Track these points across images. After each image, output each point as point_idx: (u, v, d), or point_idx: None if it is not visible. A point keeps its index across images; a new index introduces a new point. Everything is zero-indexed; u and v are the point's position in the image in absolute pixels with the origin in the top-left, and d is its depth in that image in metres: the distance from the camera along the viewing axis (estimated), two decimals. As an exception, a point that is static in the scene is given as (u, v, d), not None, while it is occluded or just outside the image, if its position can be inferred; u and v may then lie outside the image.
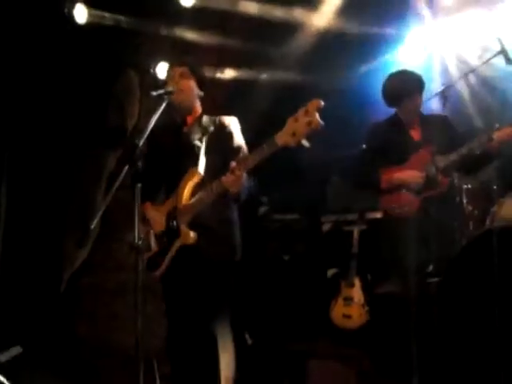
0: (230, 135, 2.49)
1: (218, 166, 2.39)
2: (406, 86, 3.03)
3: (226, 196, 2.34)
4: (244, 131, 2.57)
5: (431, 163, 2.96)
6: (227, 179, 2.23)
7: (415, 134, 3.10)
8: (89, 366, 3.32)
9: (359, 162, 3.21)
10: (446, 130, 3.02)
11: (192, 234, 2.36)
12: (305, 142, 2.07)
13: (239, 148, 2.48)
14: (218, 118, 2.55)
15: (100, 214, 1.98)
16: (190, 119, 2.56)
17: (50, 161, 3.50)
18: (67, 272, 3.55)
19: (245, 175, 2.27)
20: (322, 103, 2.03)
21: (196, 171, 2.40)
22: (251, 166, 2.22)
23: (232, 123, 2.54)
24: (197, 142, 2.48)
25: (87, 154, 3.60)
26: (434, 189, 2.98)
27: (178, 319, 2.49)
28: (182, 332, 2.47)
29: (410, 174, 3.00)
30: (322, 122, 2.02)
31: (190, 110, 2.55)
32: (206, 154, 2.43)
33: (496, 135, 2.86)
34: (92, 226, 1.94)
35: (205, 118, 2.56)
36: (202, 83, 2.57)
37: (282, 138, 2.10)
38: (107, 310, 3.58)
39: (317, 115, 2.02)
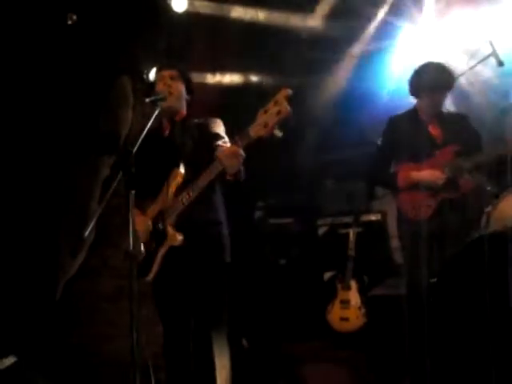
0: (214, 136, 2.49)
1: (199, 167, 2.37)
2: (436, 77, 2.90)
3: (223, 179, 2.31)
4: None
5: (453, 164, 2.86)
6: (224, 153, 2.21)
7: (434, 131, 2.97)
8: (84, 374, 3.30)
9: (375, 157, 3.12)
10: (465, 130, 2.94)
11: (178, 235, 2.36)
12: (277, 132, 2.08)
13: (221, 136, 2.47)
14: (201, 120, 2.56)
15: (93, 222, 1.97)
16: (174, 122, 2.56)
17: (42, 167, 3.49)
18: (62, 279, 3.53)
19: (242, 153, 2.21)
20: (290, 92, 2.05)
21: (179, 171, 2.39)
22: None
23: (216, 124, 2.54)
24: (180, 145, 2.48)
25: (80, 161, 3.59)
26: (453, 191, 2.88)
27: (172, 323, 2.48)
28: (177, 336, 2.46)
29: (429, 174, 2.88)
30: (289, 109, 2.04)
31: (177, 111, 2.55)
32: (191, 155, 2.43)
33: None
34: (85, 235, 1.93)
35: (189, 121, 2.56)
36: (189, 87, 2.58)
37: (254, 129, 2.12)
38: (103, 317, 3.57)
39: (285, 103, 2.04)
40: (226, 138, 2.50)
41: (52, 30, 3.37)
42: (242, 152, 2.21)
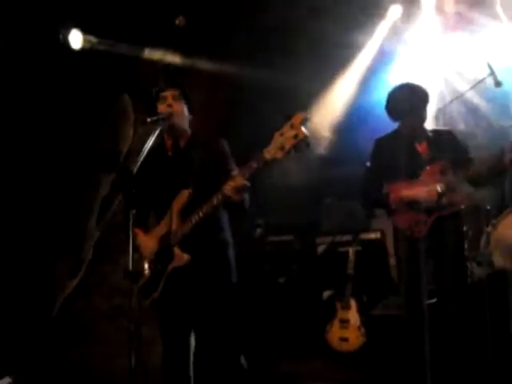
0: (220, 158, 2.51)
1: (208, 189, 2.39)
2: (410, 99, 2.92)
3: (230, 206, 2.34)
4: (235, 150, 2.61)
5: (445, 180, 2.84)
6: (228, 187, 2.24)
7: (422, 149, 2.97)
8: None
9: (364, 180, 3.11)
10: (452, 145, 2.93)
11: (185, 255, 2.36)
12: (296, 155, 2.14)
13: (230, 171, 2.49)
14: (207, 141, 2.57)
15: (92, 243, 1.97)
16: (180, 142, 2.57)
17: (42, 185, 3.50)
18: (60, 296, 3.51)
19: (247, 184, 2.26)
20: (307, 116, 2.10)
21: (186, 193, 2.40)
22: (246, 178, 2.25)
23: (221, 146, 2.56)
24: (187, 165, 2.49)
25: (80, 179, 3.60)
26: (448, 207, 2.85)
27: (174, 345, 2.46)
28: (178, 358, 2.45)
29: (422, 192, 2.85)
30: (307, 133, 2.09)
31: (182, 132, 2.56)
32: (197, 176, 2.45)
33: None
34: (84, 257, 1.94)
35: (195, 141, 2.57)
36: (191, 107, 2.60)
37: (271, 152, 2.15)
38: (101, 335, 3.54)
39: (302, 127, 2.09)
40: (232, 164, 2.52)
41: (55, 48, 3.42)
42: (246, 184, 2.24)
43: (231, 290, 2.49)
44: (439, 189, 2.83)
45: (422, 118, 2.99)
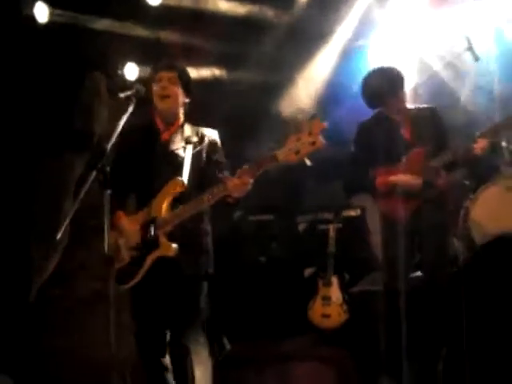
0: (212, 149, 2.47)
1: (197, 178, 2.36)
2: (387, 83, 2.88)
3: (224, 202, 2.31)
4: (218, 128, 2.56)
5: (426, 165, 2.86)
6: (233, 183, 2.21)
7: (405, 131, 2.96)
8: (60, 379, 3.21)
9: (350, 165, 3.10)
10: (434, 126, 2.93)
11: (173, 245, 2.30)
12: (307, 161, 2.17)
13: (221, 163, 2.47)
14: (200, 130, 2.52)
15: (67, 222, 1.89)
16: (172, 127, 2.50)
17: (14, 167, 3.37)
18: (36, 282, 3.43)
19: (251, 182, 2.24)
20: (325, 125, 2.12)
21: (180, 182, 2.34)
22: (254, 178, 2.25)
23: (213, 136, 2.52)
24: (179, 152, 2.43)
25: (53, 159, 3.48)
26: (431, 191, 2.88)
27: (148, 331, 2.42)
28: (154, 347, 2.40)
29: (406, 179, 2.87)
30: (324, 142, 2.11)
31: (174, 117, 2.49)
32: (188, 164, 2.39)
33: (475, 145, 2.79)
34: (59, 236, 1.86)
35: (187, 128, 2.51)
36: (188, 90, 2.52)
37: (284, 154, 2.14)
38: (78, 321, 3.47)
39: (320, 136, 2.10)
40: (222, 157, 2.48)
41: (24, 23, 3.26)
42: (251, 182, 2.22)
43: (207, 280, 2.46)
44: (424, 176, 2.85)
45: (403, 101, 2.96)
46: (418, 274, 3.10)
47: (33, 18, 3.24)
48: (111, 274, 1.91)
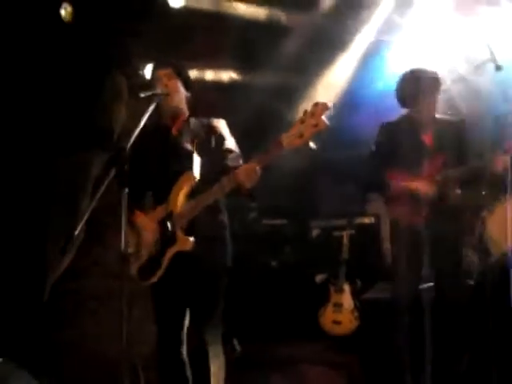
0: (220, 138, 2.46)
1: (208, 170, 2.35)
2: (421, 84, 2.86)
3: (238, 193, 2.29)
4: (235, 131, 2.55)
5: (443, 175, 2.83)
6: (240, 170, 2.19)
7: (427, 139, 2.94)
8: (73, 374, 3.24)
9: (367, 164, 3.08)
10: (458, 138, 2.91)
11: (190, 239, 2.31)
12: (312, 144, 2.10)
13: (231, 151, 2.44)
14: (206, 121, 2.51)
15: (84, 220, 1.92)
16: (178, 122, 2.51)
17: (33, 164, 3.42)
18: (51, 278, 3.46)
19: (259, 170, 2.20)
20: (330, 105, 2.07)
21: (191, 175, 2.34)
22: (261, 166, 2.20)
23: (221, 126, 2.50)
24: (187, 146, 2.44)
25: (72, 158, 3.52)
26: (444, 201, 2.85)
27: (169, 326, 2.43)
28: (173, 339, 2.42)
29: (419, 185, 2.84)
30: (328, 123, 2.05)
31: (179, 112, 2.50)
32: (198, 157, 2.38)
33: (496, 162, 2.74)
34: (76, 233, 1.89)
35: (193, 121, 2.51)
36: (187, 84, 2.53)
37: (289, 139, 2.10)
38: (93, 317, 3.51)
39: (323, 117, 2.05)
40: (233, 144, 2.47)
41: (47, 23, 3.31)
42: (259, 171, 2.19)
43: (226, 274, 2.46)
44: (438, 183, 2.82)
45: (433, 105, 2.93)
46: (430, 284, 3.07)
47: (58, 17, 3.28)
48: (125, 271, 1.92)
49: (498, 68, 3.17)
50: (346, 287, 3.76)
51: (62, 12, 3.24)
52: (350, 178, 4.19)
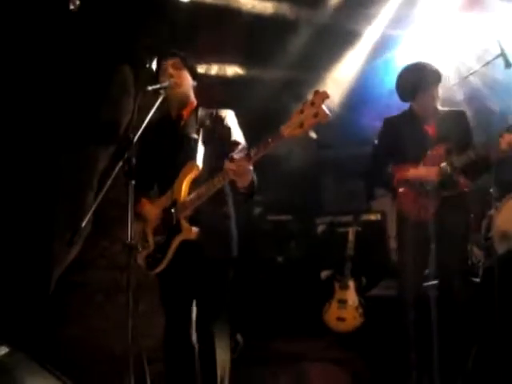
0: (227, 129, 2.45)
1: (215, 160, 2.35)
2: (421, 78, 2.88)
3: (237, 189, 2.29)
4: (242, 126, 2.54)
5: (447, 162, 2.83)
6: (230, 170, 2.17)
7: (430, 130, 2.95)
8: (77, 367, 3.25)
9: (371, 159, 3.10)
10: (460, 128, 2.91)
11: (194, 229, 2.31)
12: (312, 134, 2.06)
13: (238, 142, 2.43)
14: (214, 111, 2.51)
15: (91, 212, 1.92)
16: (186, 112, 2.51)
17: (38, 158, 3.43)
18: (56, 271, 3.48)
19: (250, 168, 2.20)
20: (328, 93, 2.01)
21: (195, 165, 2.34)
22: (256, 159, 2.17)
23: (229, 116, 2.49)
24: (193, 135, 2.43)
25: (78, 151, 3.53)
26: (452, 189, 2.84)
27: (177, 316, 2.44)
28: (180, 329, 2.43)
29: (423, 171, 2.84)
30: (329, 113, 2.00)
31: (186, 101, 2.50)
32: (203, 147, 2.39)
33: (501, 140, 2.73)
34: (83, 225, 1.89)
35: (201, 111, 2.51)
36: (194, 73, 2.53)
37: (288, 129, 2.06)
38: (98, 310, 3.52)
39: (323, 106, 2.00)
40: (240, 135, 2.46)
41: (54, 16, 3.31)
42: (250, 167, 2.16)
43: (231, 265, 2.46)
44: (443, 168, 2.81)
45: (434, 98, 2.94)
46: (435, 282, 3.05)
47: (66, 9, 3.27)
48: (132, 262, 1.93)
49: (508, 64, 3.15)
50: (351, 284, 3.75)
51: (71, 6, 3.24)
52: (357, 175, 4.18)
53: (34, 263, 3.37)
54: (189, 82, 2.49)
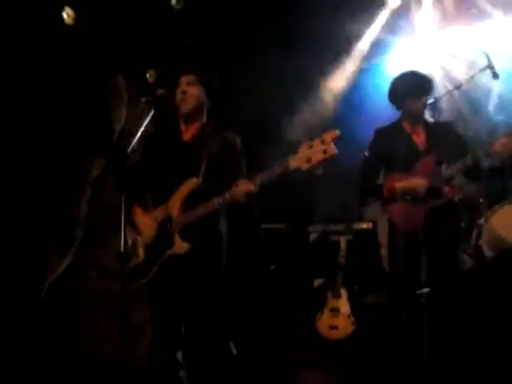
0: (234, 155, 2.49)
1: (216, 182, 2.39)
2: (412, 85, 2.94)
3: (237, 208, 2.36)
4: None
5: (436, 172, 2.89)
6: (238, 191, 2.26)
7: (419, 141, 3.01)
8: (69, 375, 3.24)
9: (361, 169, 3.15)
10: (450, 137, 2.96)
11: (185, 244, 2.34)
12: (319, 171, 2.17)
13: (241, 172, 2.48)
14: (222, 134, 2.53)
15: (83, 222, 1.94)
16: (193, 128, 2.53)
17: (32, 166, 3.43)
18: (49, 279, 3.47)
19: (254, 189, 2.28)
20: (338, 133, 2.12)
21: (196, 181, 2.38)
22: (259, 184, 2.29)
23: (237, 143, 2.53)
24: (197, 153, 2.46)
25: (71, 160, 3.54)
26: (439, 199, 2.89)
27: (164, 330, 2.45)
28: (169, 342, 2.43)
29: (412, 182, 2.90)
30: (336, 151, 2.12)
31: (194, 118, 2.52)
32: (207, 166, 2.42)
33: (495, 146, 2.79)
34: (76, 234, 1.90)
35: (209, 130, 2.53)
36: (210, 92, 2.52)
37: (296, 162, 2.17)
38: (90, 318, 3.51)
39: (332, 144, 2.11)
40: (243, 165, 2.51)
41: (48, 27, 3.33)
42: (255, 190, 2.26)
43: (221, 282, 2.48)
44: (431, 180, 2.87)
45: (420, 107, 2.99)
46: (426, 290, 3.07)
47: (61, 21, 3.30)
48: (124, 271, 1.94)
49: (495, 76, 3.21)
50: (343, 292, 3.77)
51: (64, 15, 3.27)
52: (348, 184, 4.21)
53: (26, 270, 3.36)
54: (200, 99, 2.49)
